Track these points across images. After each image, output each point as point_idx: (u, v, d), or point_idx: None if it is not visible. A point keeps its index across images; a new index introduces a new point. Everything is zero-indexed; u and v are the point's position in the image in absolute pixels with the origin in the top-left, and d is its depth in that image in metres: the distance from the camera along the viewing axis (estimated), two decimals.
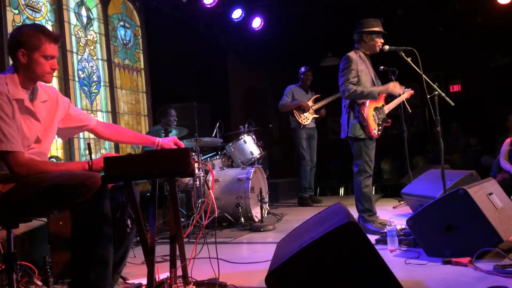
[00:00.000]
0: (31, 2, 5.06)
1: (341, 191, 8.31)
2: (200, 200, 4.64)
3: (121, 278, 2.64)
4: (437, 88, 3.89)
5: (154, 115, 6.56)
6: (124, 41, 6.57)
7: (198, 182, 4.66)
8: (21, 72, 2.18)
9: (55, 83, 5.28)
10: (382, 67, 4.41)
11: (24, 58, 2.15)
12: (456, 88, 8.73)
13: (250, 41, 8.02)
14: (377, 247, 2.38)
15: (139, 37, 6.89)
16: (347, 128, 3.93)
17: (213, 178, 4.74)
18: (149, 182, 4.68)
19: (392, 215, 4.78)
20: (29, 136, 2.17)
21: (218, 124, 5.26)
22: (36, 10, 5.12)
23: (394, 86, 3.96)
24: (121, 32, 6.52)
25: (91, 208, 1.97)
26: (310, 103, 6.26)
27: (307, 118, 6.19)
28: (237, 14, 7.22)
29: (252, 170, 4.90)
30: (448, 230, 2.83)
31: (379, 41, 4.03)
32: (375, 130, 3.90)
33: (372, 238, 3.33)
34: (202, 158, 5.20)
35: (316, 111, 6.30)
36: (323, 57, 8.69)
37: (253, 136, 5.40)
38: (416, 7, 7.45)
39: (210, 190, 2.56)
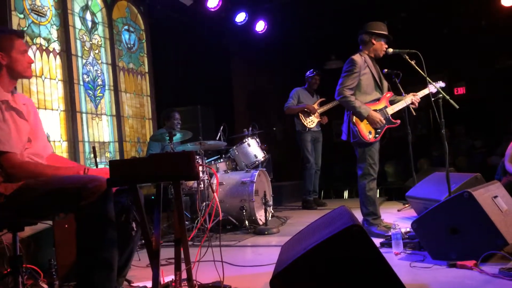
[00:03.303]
0: (36, 6, 5.10)
1: (346, 194, 8.30)
2: (204, 203, 4.65)
3: (126, 281, 2.64)
4: (441, 90, 3.88)
5: (158, 118, 6.58)
6: (129, 45, 6.60)
7: (202, 185, 4.67)
8: (2, 74, 2.23)
9: (60, 86, 5.31)
10: (386, 70, 4.41)
11: (4, 60, 2.22)
12: (460, 90, 8.72)
13: (254, 45, 8.04)
14: (381, 250, 2.38)
15: (144, 41, 6.91)
16: (348, 132, 3.93)
17: (217, 181, 4.74)
18: (153, 186, 4.70)
19: (397, 218, 4.77)
20: (20, 136, 2.19)
21: (222, 127, 5.26)
22: (41, 14, 5.15)
23: (374, 116, 3.86)
24: (125, 36, 6.55)
25: (94, 211, 1.98)
26: (315, 106, 6.26)
27: (312, 121, 6.19)
28: (240, 17, 7.25)
29: (256, 173, 4.90)
30: (453, 233, 2.82)
31: (385, 45, 4.03)
32: (370, 135, 3.86)
33: (377, 241, 3.32)
34: (206, 161, 5.21)
35: (321, 115, 6.30)
36: (326, 60, 8.70)
37: (257, 139, 5.40)
38: (419, 10, 7.45)
39: (215, 193, 2.57)
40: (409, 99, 4.09)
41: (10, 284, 2.57)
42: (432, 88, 4.02)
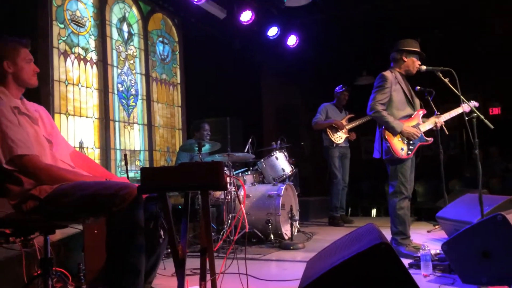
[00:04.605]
0: (76, 17, 5.29)
1: (373, 212, 8.15)
2: (230, 215, 4.65)
3: None
4: (475, 110, 3.79)
5: (188, 129, 6.68)
6: (162, 56, 6.74)
7: (229, 197, 4.68)
8: (9, 82, 2.30)
9: (95, 95, 5.46)
10: (418, 87, 4.34)
11: (10, 68, 2.28)
12: (495, 111, 8.49)
13: (284, 59, 8.08)
14: (410, 271, 2.33)
15: (177, 52, 7.06)
16: (381, 149, 3.88)
17: (244, 193, 4.74)
18: (181, 195, 4.74)
19: (426, 239, 4.65)
20: (39, 140, 2.25)
21: (250, 139, 5.29)
22: (80, 25, 5.34)
23: (408, 130, 3.83)
24: (159, 47, 6.70)
25: (124, 218, 2.02)
26: (344, 122, 6.22)
27: (340, 137, 6.14)
28: (273, 31, 7.31)
29: (283, 187, 4.88)
30: (485, 257, 2.73)
31: (417, 62, 3.98)
32: (402, 151, 3.80)
33: (405, 262, 3.24)
34: (234, 173, 5.22)
35: (350, 131, 6.25)
36: (357, 76, 8.65)
37: (285, 153, 5.39)
38: (454, 28, 7.34)
39: (242, 205, 2.58)
40: (433, 121, 4.02)
41: (40, 286, 2.63)
42: (465, 107, 3.94)
